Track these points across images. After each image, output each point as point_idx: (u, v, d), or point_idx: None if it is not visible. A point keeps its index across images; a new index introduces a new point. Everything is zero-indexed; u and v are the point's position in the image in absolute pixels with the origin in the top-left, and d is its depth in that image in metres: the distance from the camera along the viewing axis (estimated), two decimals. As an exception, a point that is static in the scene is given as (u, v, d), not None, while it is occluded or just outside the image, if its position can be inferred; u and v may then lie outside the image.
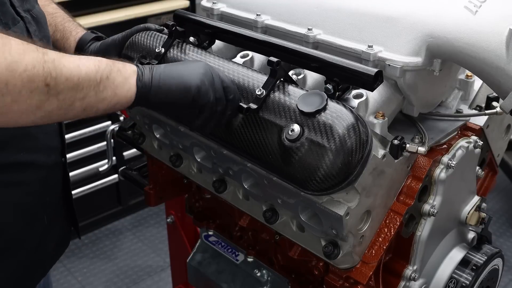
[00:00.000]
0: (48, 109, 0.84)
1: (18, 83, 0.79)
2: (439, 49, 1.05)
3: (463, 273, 1.25)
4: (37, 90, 0.81)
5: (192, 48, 1.14)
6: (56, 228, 1.25)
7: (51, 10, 1.29)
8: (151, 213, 3.13)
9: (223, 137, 1.05)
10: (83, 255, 2.84)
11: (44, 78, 0.81)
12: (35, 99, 0.81)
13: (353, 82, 0.99)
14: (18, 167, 1.09)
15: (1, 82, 0.78)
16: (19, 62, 0.79)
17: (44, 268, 1.26)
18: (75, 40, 1.27)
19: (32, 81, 0.80)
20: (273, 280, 1.46)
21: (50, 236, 1.22)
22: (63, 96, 0.84)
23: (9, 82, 0.78)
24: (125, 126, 1.52)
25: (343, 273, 1.14)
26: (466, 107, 1.29)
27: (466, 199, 1.27)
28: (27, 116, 0.83)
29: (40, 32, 1.12)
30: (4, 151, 1.05)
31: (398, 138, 1.06)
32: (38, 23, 1.13)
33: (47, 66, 0.82)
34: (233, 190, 1.27)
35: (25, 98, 0.80)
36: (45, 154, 1.15)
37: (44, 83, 0.81)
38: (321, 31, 1.17)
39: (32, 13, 1.11)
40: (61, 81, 0.83)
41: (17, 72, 0.79)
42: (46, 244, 1.21)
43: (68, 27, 1.29)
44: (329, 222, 1.04)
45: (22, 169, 1.09)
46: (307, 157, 0.92)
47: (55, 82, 0.82)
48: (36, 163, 1.12)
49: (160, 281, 2.68)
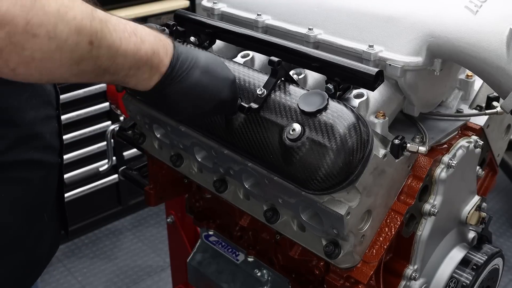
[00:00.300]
0: (83, 68, 0.80)
1: (66, 30, 0.75)
2: (440, 49, 1.05)
3: (464, 273, 1.25)
4: (80, 45, 0.77)
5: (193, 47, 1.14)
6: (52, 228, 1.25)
7: None
8: (151, 213, 3.13)
9: (223, 136, 1.05)
10: (83, 255, 2.84)
11: (90, 34, 0.77)
12: (77, 54, 0.77)
13: (354, 81, 0.99)
14: (28, 165, 1.10)
15: (51, 23, 0.74)
16: (69, 8, 0.75)
17: (40, 268, 1.26)
18: None
19: (79, 33, 0.76)
20: (273, 280, 1.46)
21: (46, 236, 1.23)
22: (99, 63, 0.81)
23: (58, 25, 0.74)
24: (125, 126, 1.52)
25: (343, 272, 1.14)
26: (466, 107, 1.29)
27: (466, 198, 1.28)
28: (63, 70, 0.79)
29: None
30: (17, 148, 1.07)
31: (398, 138, 1.06)
32: None
33: (95, 23, 0.78)
34: (234, 189, 1.27)
35: (69, 49, 0.76)
36: (48, 153, 1.16)
37: (88, 40, 0.77)
38: (322, 31, 1.17)
39: None
40: (104, 45, 0.80)
41: (66, 17, 0.75)
42: (42, 244, 1.22)
43: None
44: (330, 222, 1.04)
45: (29, 166, 1.10)
46: (308, 157, 0.92)
47: (99, 43, 0.79)
48: (42, 162, 1.13)
49: (160, 281, 2.68)
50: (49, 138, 1.15)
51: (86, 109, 2.71)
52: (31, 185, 1.12)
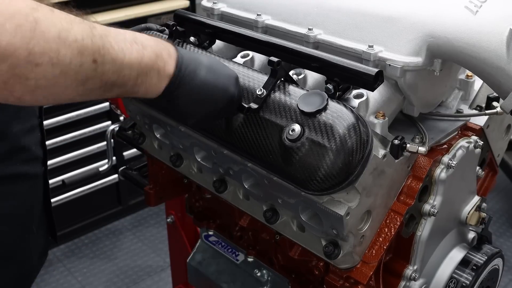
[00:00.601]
0: (90, 86, 0.79)
1: (69, 53, 0.74)
2: (440, 49, 1.05)
3: (463, 273, 1.25)
4: (85, 65, 0.76)
5: (193, 48, 1.14)
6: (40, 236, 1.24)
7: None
8: (151, 213, 3.13)
9: (223, 136, 1.05)
10: (83, 255, 2.84)
11: (92, 53, 0.76)
12: (82, 75, 0.77)
13: (353, 82, 0.99)
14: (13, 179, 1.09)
15: (53, 50, 0.72)
16: (69, 31, 0.74)
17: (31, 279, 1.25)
18: None
19: (82, 54, 0.75)
20: (273, 280, 1.46)
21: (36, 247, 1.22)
22: (106, 79, 0.80)
23: (60, 51, 0.73)
24: (125, 126, 1.52)
25: (343, 273, 1.14)
26: (466, 107, 1.29)
27: (466, 199, 1.27)
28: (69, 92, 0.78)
29: None
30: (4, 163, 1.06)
31: (398, 138, 1.06)
32: None
33: (96, 41, 0.77)
34: (234, 190, 1.27)
35: (73, 72, 0.75)
36: (33, 164, 1.16)
37: (92, 59, 0.77)
38: (322, 31, 1.17)
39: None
40: (108, 60, 0.79)
41: (68, 40, 0.74)
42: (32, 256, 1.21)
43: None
44: (329, 222, 1.04)
45: (16, 180, 1.10)
46: (307, 157, 0.92)
47: (103, 60, 0.78)
48: (28, 173, 1.13)
49: (160, 281, 2.68)
50: (34, 149, 1.15)
51: (86, 109, 2.71)
52: (17, 198, 1.11)
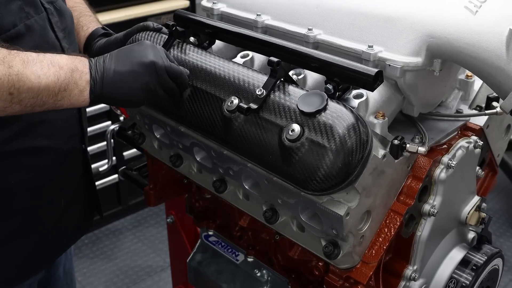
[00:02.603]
0: (12, 111, 0.96)
1: None
2: (439, 49, 1.05)
3: (463, 273, 1.25)
4: (1, 98, 0.93)
5: (192, 48, 1.14)
6: (74, 212, 1.31)
7: (70, 4, 1.34)
8: (151, 213, 3.13)
9: (223, 137, 1.05)
10: (83, 255, 2.84)
11: (8, 88, 0.93)
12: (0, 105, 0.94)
13: (353, 82, 0.99)
14: (34, 152, 1.14)
15: None
16: None
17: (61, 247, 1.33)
18: (85, 36, 1.33)
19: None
20: (273, 280, 1.46)
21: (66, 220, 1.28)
22: (24, 103, 0.96)
23: None
24: (125, 126, 1.53)
25: (343, 273, 1.14)
26: (466, 107, 1.29)
27: (466, 199, 1.27)
28: None
29: (62, 24, 1.20)
30: (21, 137, 1.12)
31: (398, 138, 1.06)
32: (60, 15, 1.20)
33: (11, 78, 0.93)
34: (233, 190, 1.27)
35: None
36: (62, 140, 1.20)
37: (8, 92, 0.93)
38: (321, 31, 1.17)
39: (55, 5, 1.19)
40: (23, 90, 0.95)
41: None
42: (61, 227, 1.27)
43: (81, 22, 1.35)
44: (329, 222, 1.04)
45: (38, 153, 1.15)
46: (307, 157, 0.92)
47: (18, 91, 0.94)
48: (53, 148, 1.18)
49: (160, 281, 2.68)
50: (61, 125, 1.19)
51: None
52: (42, 170, 1.17)
